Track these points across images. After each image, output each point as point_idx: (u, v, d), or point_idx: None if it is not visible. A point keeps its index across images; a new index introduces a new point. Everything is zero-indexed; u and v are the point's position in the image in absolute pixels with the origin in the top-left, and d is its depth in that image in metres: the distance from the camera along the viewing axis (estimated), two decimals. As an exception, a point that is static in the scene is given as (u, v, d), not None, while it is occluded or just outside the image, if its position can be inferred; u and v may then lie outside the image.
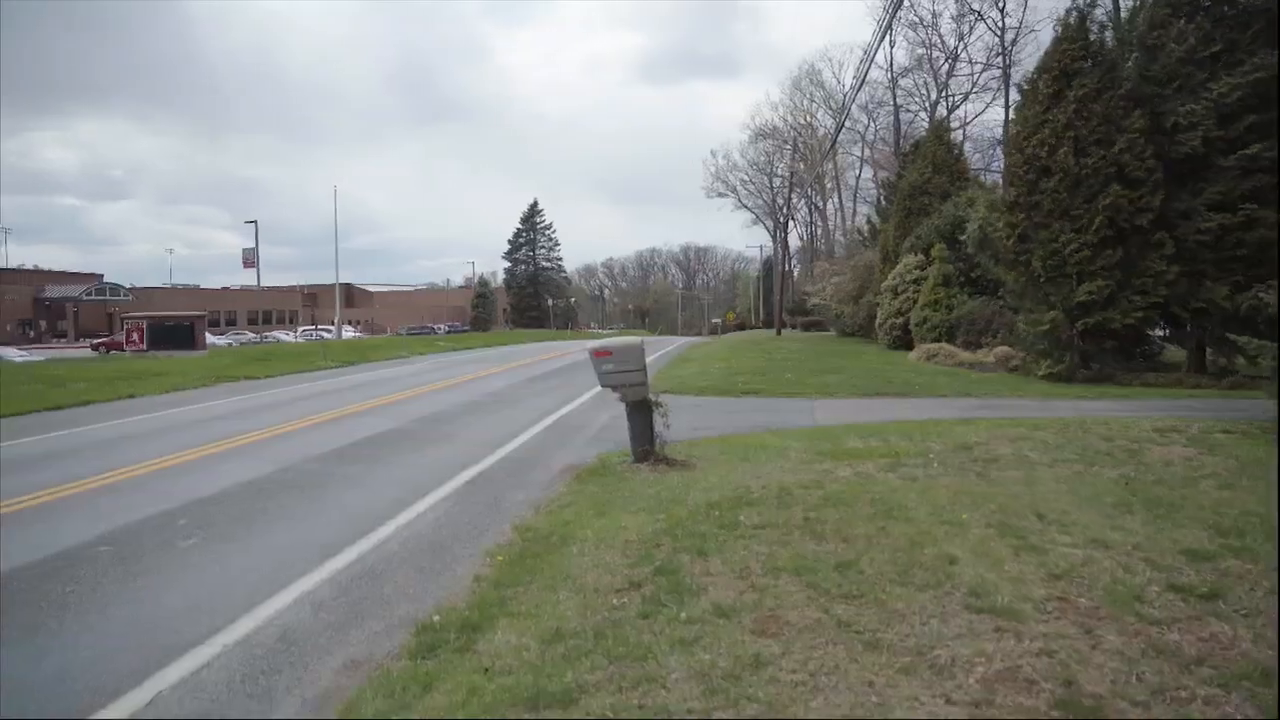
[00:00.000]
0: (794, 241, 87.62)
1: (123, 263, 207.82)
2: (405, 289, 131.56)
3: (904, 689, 3.89)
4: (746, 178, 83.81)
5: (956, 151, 37.06)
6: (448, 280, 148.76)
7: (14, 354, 42.37)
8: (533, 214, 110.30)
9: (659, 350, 39.21)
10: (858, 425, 12.23)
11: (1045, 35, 42.05)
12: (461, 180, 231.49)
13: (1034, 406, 14.66)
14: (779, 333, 57.44)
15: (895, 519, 6.63)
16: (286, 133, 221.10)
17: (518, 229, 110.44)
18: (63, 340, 71.79)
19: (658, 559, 5.85)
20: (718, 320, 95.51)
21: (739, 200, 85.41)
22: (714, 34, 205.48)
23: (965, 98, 56.80)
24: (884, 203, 47.67)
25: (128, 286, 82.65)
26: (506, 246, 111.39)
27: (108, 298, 79.72)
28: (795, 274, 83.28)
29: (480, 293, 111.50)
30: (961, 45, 55.11)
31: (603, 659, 4.30)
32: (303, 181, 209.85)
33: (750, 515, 6.87)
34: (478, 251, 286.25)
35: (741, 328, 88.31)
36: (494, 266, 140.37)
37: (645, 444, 9.59)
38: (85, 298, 78.76)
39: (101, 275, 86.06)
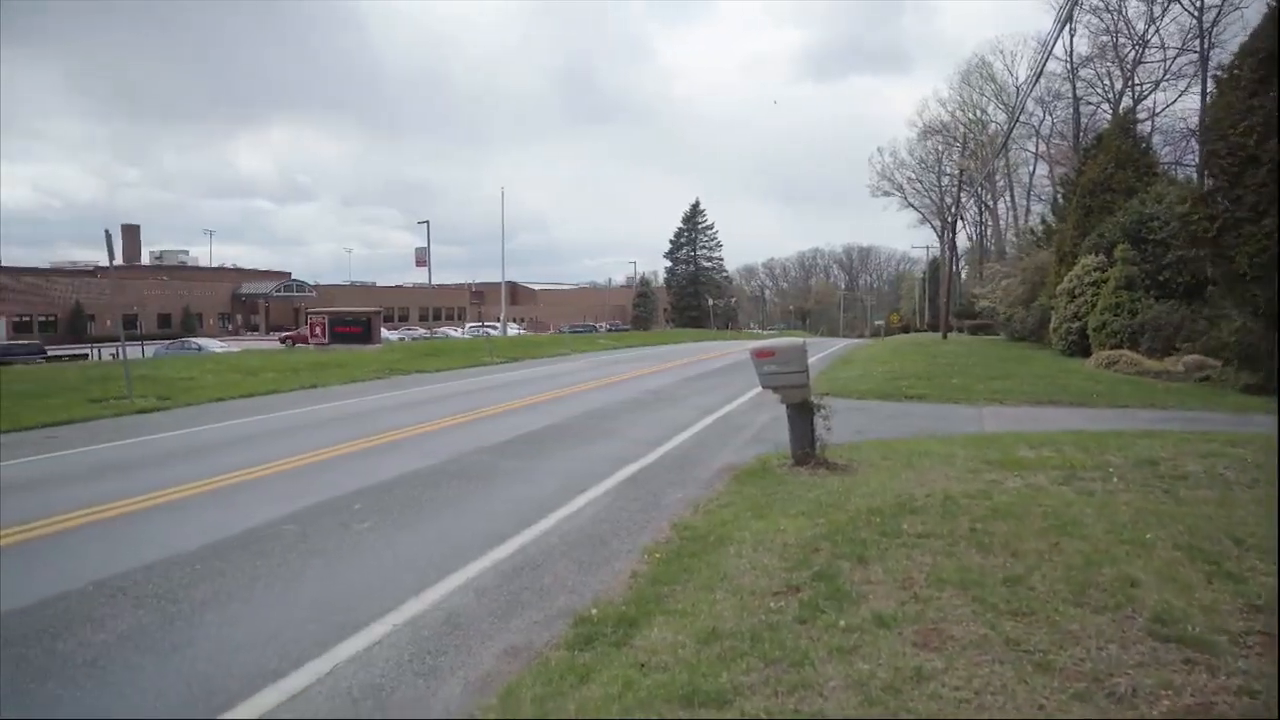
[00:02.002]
0: (962, 242, 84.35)
1: (308, 261, 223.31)
2: (568, 287, 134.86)
3: (1077, 715, 3.68)
4: (913, 176, 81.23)
5: (1144, 144, 34.59)
6: (609, 279, 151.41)
7: (215, 345, 46.08)
8: (694, 214, 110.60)
9: (820, 352, 38.57)
10: (1029, 434, 11.64)
11: (1252, 13, 38.31)
12: (624, 180, 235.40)
13: (1230, 421, 13.54)
14: (945, 336, 55.38)
15: (1070, 535, 6.27)
16: (456, 136, 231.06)
17: (679, 228, 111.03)
18: (255, 333, 77.52)
19: (816, 564, 5.76)
20: (881, 322, 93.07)
21: (905, 199, 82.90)
22: (880, 27, 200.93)
23: (1155, 86, 52.84)
24: (1060, 200, 45.13)
25: (312, 284, 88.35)
26: (668, 246, 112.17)
27: (294, 294, 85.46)
28: (963, 275, 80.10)
29: (641, 292, 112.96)
30: (1152, 30, 51.32)
31: (758, 661, 4.27)
32: (471, 182, 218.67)
33: (913, 523, 6.66)
34: (639, 251, 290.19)
35: (905, 330, 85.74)
36: (655, 266, 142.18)
37: (805, 446, 9.46)
38: (275, 294, 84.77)
39: (290, 273, 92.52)
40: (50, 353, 40.62)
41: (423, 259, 70.35)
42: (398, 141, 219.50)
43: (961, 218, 79.43)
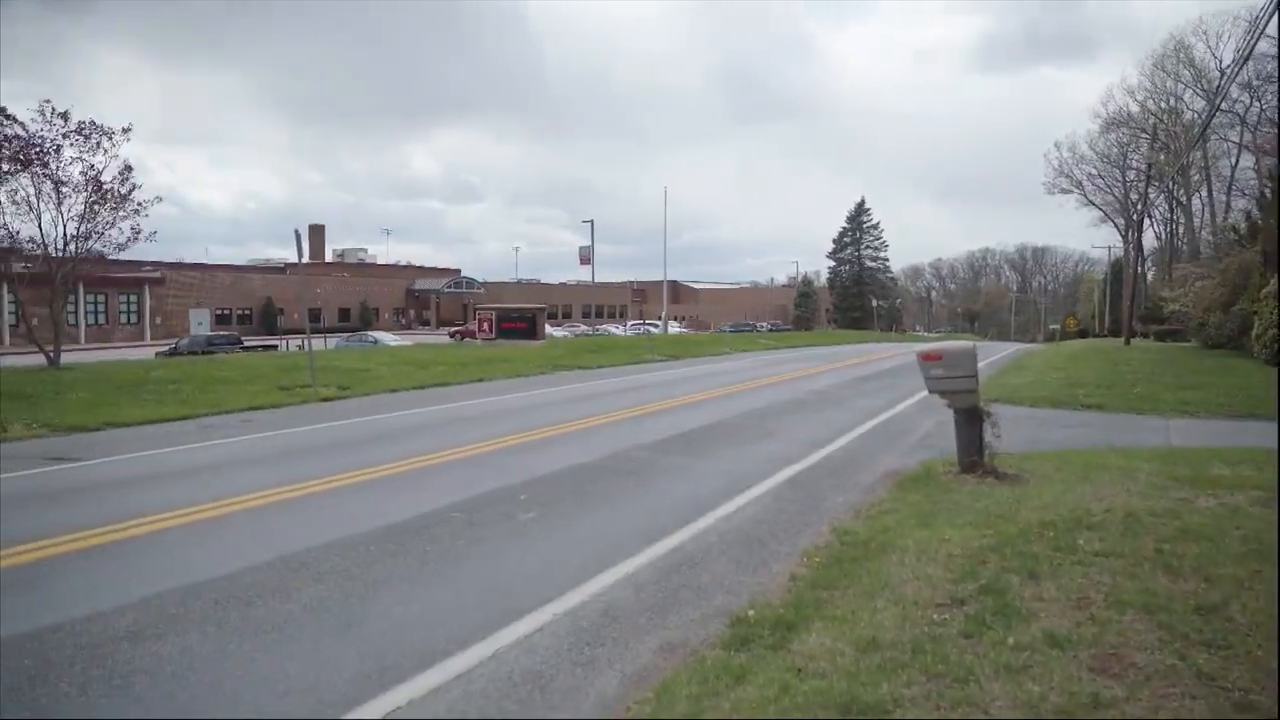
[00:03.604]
0: (1148, 241, 78.69)
1: (476, 259, 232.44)
2: (728, 286, 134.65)
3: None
4: (1094, 171, 76.37)
5: (1369, 134, 31.29)
6: (771, 279, 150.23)
7: (389, 338, 48.55)
8: (859, 212, 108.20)
9: (989, 356, 36.95)
10: (1224, 450, 10.75)
11: None
12: (786, 179, 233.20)
13: None
14: (1127, 341, 51.93)
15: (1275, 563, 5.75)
16: (620, 136, 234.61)
17: (843, 227, 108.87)
18: (426, 327, 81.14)
19: (983, 576, 5.52)
20: (1055, 326, 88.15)
21: (1084, 196, 78.09)
22: (1062, 12, 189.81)
23: (1385, 66, 47.72)
24: (1268, 195, 41.48)
25: (480, 280, 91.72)
26: (831, 245, 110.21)
27: (464, 290, 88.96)
28: (1149, 277, 74.86)
29: (803, 291, 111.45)
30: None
31: (920, 674, 4.13)
32: (634, 182, 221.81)
33: (1090, 540, 6.28)
34: (801, 250, 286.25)
35: (1083, 335, 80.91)
36: (817, 265, 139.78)
37: (973, 454, 9.09)
38: (446, 290, 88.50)
39: (460, 270, 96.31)
40: (246, 343, 43.83)
41: (586, 257, 71.67)
42: (563, 142, 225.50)
43: (1149, 215, 74.14)
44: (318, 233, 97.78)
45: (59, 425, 13.91)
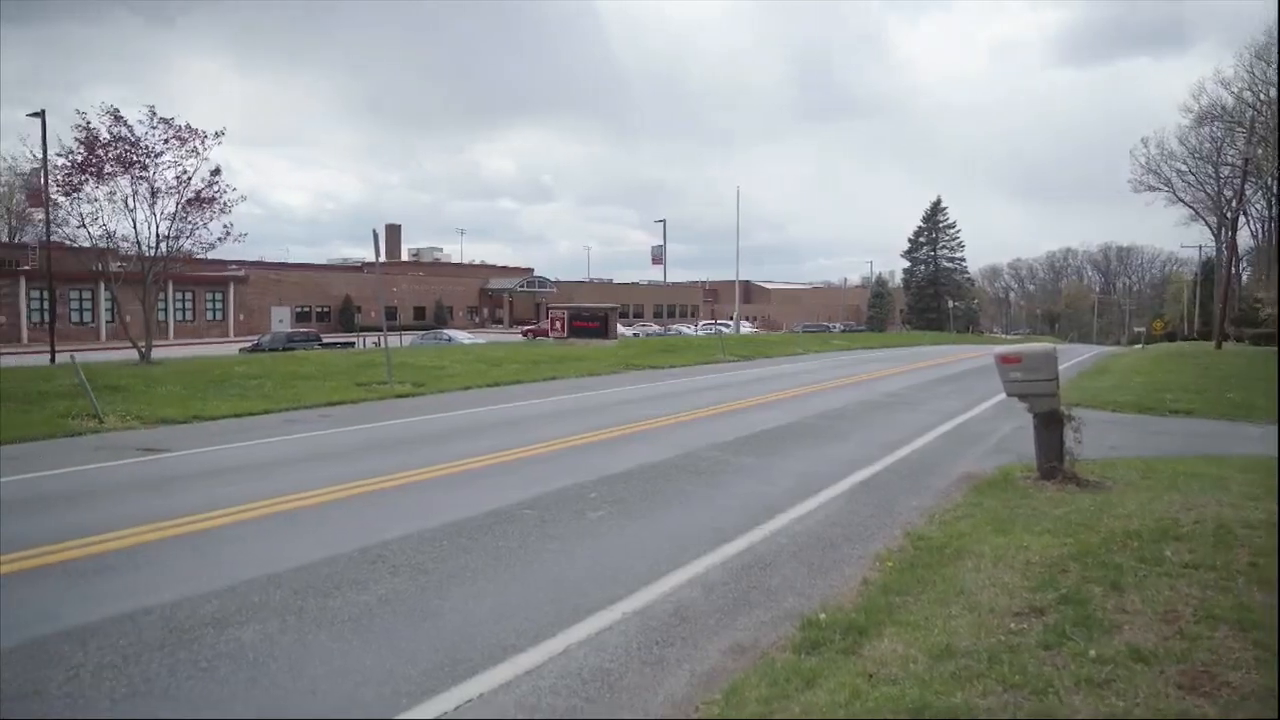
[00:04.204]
0: (1243, 240, 75.45)
1: (548, 258, 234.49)
2: (801, 286, 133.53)
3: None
4: (1185, 168, 73.44)
5: None
6: (844, 279, 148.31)
7: (463, 336, 49.27)
8: (935, 212, 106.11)
9: (1070, 359, 35.92)
10: (1326, 460, 10.28)
11: None
12: (861, 177, 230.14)
13: None
14: (1219, 345, 49.97)
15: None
16: (693, 135, 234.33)
17: (918, 227, 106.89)
18: (499, 326, 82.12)
19: (1063, 586, 5.37)
20: (1141, 329, 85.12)
21: (1174, 194, 75.16)
22: (1153, 2, 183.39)
23: None
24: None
25: (552, 280, 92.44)
26: (906, 245, 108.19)
27: (536, 289, 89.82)
28: (1243, 278, 71.86)
29: (877, 292, 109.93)
30: None
31: (996, 684, 4.03)
32: (706, 181, 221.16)
33: (1178, 551, 6.05)
34: (875, 250, 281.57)
35: (1170, 338, 78.12)
36: (892, 265, 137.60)
37: (1053, 460, 8.85)
38: (518, 289, 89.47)
39: (532, 270, 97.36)
40: (324, 340, 44.93)
41: (658, 257, 71.93)
42: (635, 142, 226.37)
43: (1244, 213, 71.15)
44: (394, 232, 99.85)
45: (150, 417, 14.45)
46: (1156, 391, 19.06)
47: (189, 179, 24.39)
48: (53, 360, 28.58)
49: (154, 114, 23.85)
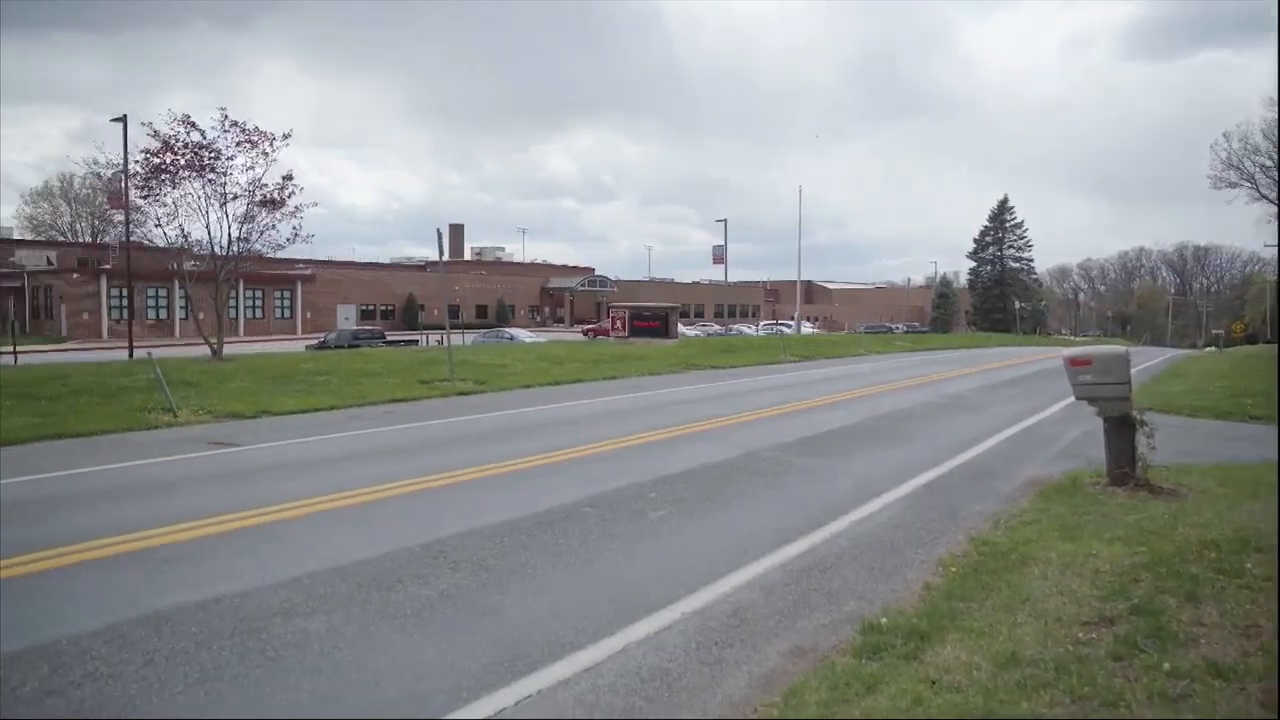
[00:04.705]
0: (1332, 239, 72.58)
1: (609, 258, 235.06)
2: (863, 286, 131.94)
3: None
4: (1270, 162, 70.90)
5: None
6: (908, 279, 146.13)
7: (525, 335, 49.68)
8: (1002, 211, 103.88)
9: (1142, 362, 34.95)
10: None
11: None
12: (925, 176, 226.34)
13: None
14: (1304, 349, 48.15)
15: None
16: (755, 134, 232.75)
17: (984, 226, 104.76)
18: (560, 325, 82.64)
19: (1134, 596, 5.21)
20: (1219, 331, 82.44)
21: (1257, 190, 72.43)
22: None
23: None
24: None
25: (613, 279, 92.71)
26: (971, 245, 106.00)
27: (597, 289, 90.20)
28: (1331, 280, 69.09)
29: (941, 292, 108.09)
30: None
31: (1064, 695, 3.93)
32: (768, 180, 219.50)
33: (1261, 563, 5.82)
34: (939, 250, 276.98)
35: (1251, 341, 75.46)
36: (956, 265, 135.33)
37: (1124, 465, 8.61)
38: (580, 288, 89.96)
39: (593, 269, 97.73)
40: (389, 338, 45.67)
41: (719, 256, 71.86)
42: (697, 141, 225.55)
43: (1332, 212, 68.45)
44: (457, 232, 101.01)
45: (221, 412, 14.85)
46: (1235, 397, 18.40)
47: (260, 182, 25.02)
48: (130, 355, 29.55)
49: (226, 117, 24.52)
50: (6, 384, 16.65)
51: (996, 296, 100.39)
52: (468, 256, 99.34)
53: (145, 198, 24.95)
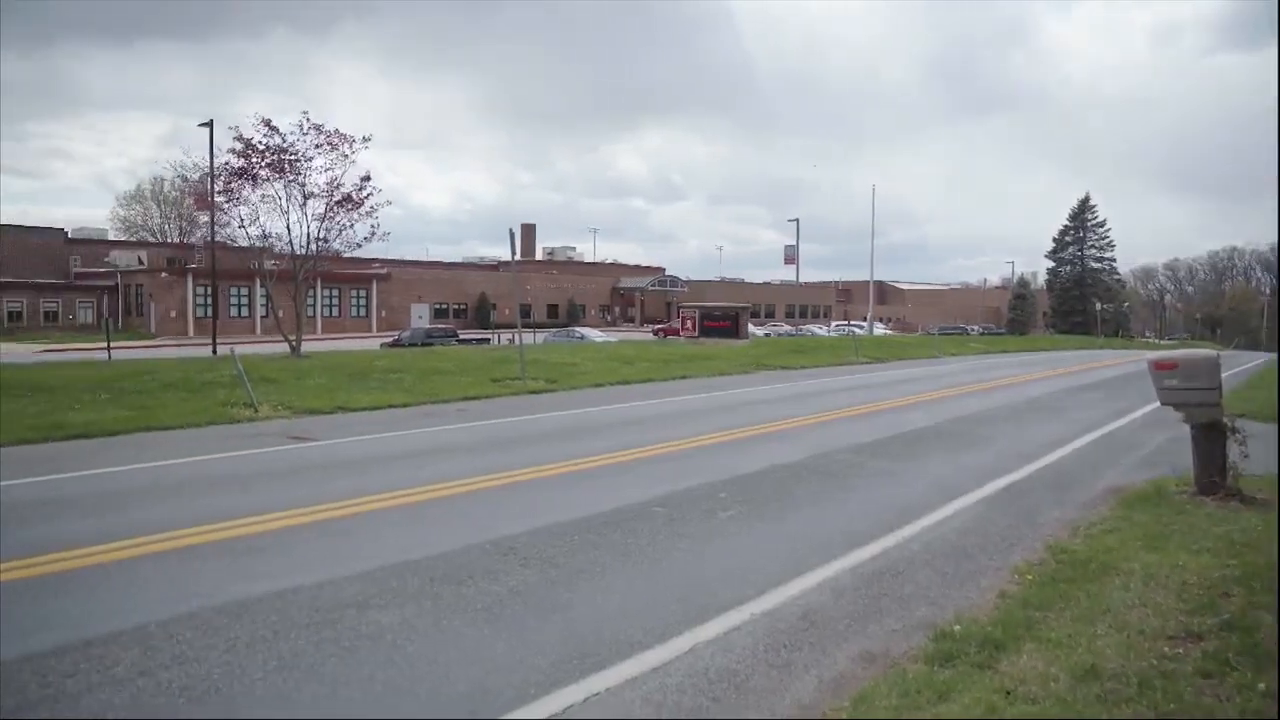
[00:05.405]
0: None
1: (679, 257, 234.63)
2: (937, 287, 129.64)
3: None
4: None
5: None
6: (984, 280, 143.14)
7: (595, 334, 49.96)
8: (1083, 210, 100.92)
9: (1233, 366, 33.63)
10: None
11: None
12: (1003, 174, 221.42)
13: None
14: None
15: None
16: (827, 133, 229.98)
17: (1064, 226, 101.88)
18: (630, 324, 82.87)
19: (1225, 611, 5.01)
20: (1318, 335, 78.92)
21: (1359, 189, 69.44)
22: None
23: None
24: None
25: (684, 279, 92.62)
26: (1050, 245, 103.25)
27: (667, 288, 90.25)
28: None
29: (1018, 293, 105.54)
30: None
31: (1148, 711, 3.80)
32: (840, 179, 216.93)
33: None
34: (1017, 250, 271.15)
35: (1353, 346, 72.11)
36: (1034, 266, 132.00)
37: (1213, 474, 8.29)
38: (650, 288, 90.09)
39: (663, 269, 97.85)
40: (461, 336, 46.35)
41: (791, 256, 71.53)
42: (768, 140, 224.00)
43: None
44: (529, 232, 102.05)
45: (299, 407, 15.24)
46: (1332, 403, 17.61)
47: (339, 183, 25.65)
48: (214, 352, 30.52)
49: (307, 120, 25.19)
50: (103, 379, 17.35)
51: (1076, 298, 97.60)
52: (539, 256, 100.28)
53: (229, 200, 25.80)
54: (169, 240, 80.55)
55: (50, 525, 7.18)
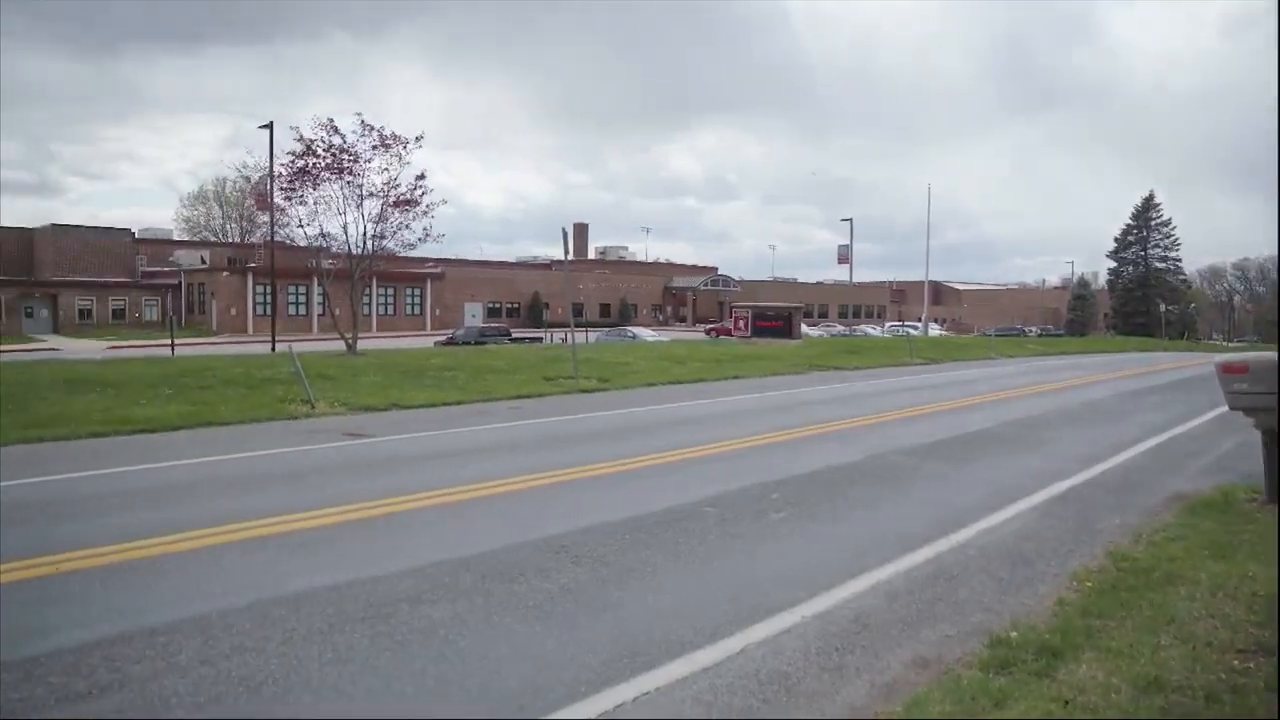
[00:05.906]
0: None
1: (731, 257, 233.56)
2: (993, 287, 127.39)
3: None
4: None
5: None
6: (1042, 280, 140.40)
7: (648, 334, 49.96)
8: (1147, 208, 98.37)
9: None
10: None
11: None
12: (1062, 172, 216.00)
13: None
14: None
15: None
16: (882, 131, 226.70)
17: (1127, 225, 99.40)
18: (682, 324, 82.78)
19: (1296, 622, 4.86)
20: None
21: None
22: None
23: None
24: None
25: (736, 279, 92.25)
26: (1112, 245, 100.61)
27: (720, 288, 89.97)
28: None
29: (1078, 294, 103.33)
30: None
31: (1214, 724, 3.70)
32: (895, 179, 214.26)
33: None
34: (1077, 250, 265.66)
35: None
36: (1095, 266, 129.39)
37: (1283, 481, 8.03)
38: (702, 288, 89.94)
39: (716, 268, 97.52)
40: (514, 335, 46.70)
41: (844, 256, 70.86)
42: (822, 139, 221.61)
43: None
44: (581, 231, 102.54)
45: (355, 404, 15.49)
46: None
47: (395, 183, 26.03)
48: (273, 349, 31.14)
49: (363, 122, 25.61)
50: (166, 375, 17.81)
51: (1139, 299, 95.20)
52: (591, 255, 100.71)
53: (288, 199, 26.33)
54: (230, 240, 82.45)
55: (115, 516, 7.40)
